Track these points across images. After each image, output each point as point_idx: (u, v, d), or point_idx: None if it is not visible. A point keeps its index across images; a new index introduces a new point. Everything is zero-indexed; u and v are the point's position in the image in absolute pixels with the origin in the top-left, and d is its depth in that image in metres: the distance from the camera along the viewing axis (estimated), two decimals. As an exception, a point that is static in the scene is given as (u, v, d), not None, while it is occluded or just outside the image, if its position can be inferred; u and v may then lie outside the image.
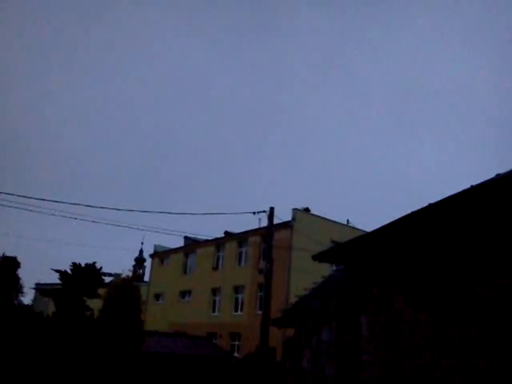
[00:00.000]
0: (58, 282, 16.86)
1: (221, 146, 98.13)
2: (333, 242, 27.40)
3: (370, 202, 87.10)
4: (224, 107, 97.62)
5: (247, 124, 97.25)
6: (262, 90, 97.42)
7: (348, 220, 35.66)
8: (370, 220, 47.11)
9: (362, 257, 8.66)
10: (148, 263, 50.86)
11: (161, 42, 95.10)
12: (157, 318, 38.31)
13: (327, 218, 33.65)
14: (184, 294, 40.15)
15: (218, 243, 37.85)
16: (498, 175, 5.83)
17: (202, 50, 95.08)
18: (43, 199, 16.83)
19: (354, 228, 33.28)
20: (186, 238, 39.05)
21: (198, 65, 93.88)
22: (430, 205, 6.39)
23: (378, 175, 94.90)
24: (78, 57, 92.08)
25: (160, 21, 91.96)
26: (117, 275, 20.25)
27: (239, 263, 35.88)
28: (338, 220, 34.24)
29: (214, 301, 36.79)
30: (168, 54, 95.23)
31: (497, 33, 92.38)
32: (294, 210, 32.40)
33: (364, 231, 23.33)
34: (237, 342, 32.90)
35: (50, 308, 19.50)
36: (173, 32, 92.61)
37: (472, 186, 5.94)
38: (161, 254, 44.46)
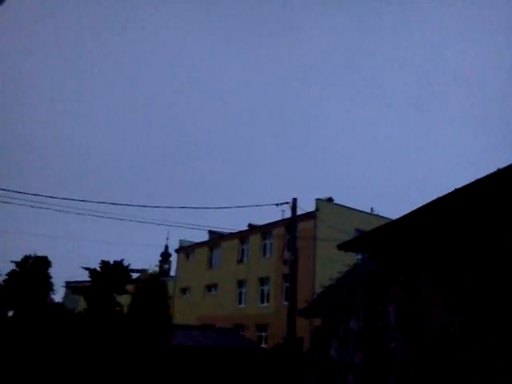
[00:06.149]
0: (88, 279, 17.27)
1: (242, 139, 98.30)
2: (357, 230, 27.26)
3: (394, 190, 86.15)
4: (244, 102, 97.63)
5: (268, 117, 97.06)
6: (282, 83, 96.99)
7: (372, 208, 35.41)
8: (394, 208, 46.55)
9: (387, 245, 8.59)
10: (174, 258, 51.42)
11: (174, 42, 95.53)
12: (184, 311, 38.83)
13: (351, 206, 33.44)
14: (210, 287, 40.55)
15: (242, 236, 38.06)
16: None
17: (219, 47, 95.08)
18: (70, 199, 17.22)
19: (378, 216, 32.99)
20: (210, 232, 39.38)
21: (216, 62, 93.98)
22: (457, 190, 6.30)
23: (401, 162, 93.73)
24: (91, 58, 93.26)
25: (171, 20, 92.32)
26: (144, 271, 20.58)
27: (264, 255, 36.02)
28: (361, 209, 33.99)
29: (240, 293, 37.06)
30: (183, 52, 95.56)
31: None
32: (317, 200, 32.28)
33: (389, 219, 23.08)
34: (264, 333, 33.11)
35: (81, 305, 19.95)
36: (188, 33, 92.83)
37: (499, 170, 5.83)
38: (186, 249, 44.94)
